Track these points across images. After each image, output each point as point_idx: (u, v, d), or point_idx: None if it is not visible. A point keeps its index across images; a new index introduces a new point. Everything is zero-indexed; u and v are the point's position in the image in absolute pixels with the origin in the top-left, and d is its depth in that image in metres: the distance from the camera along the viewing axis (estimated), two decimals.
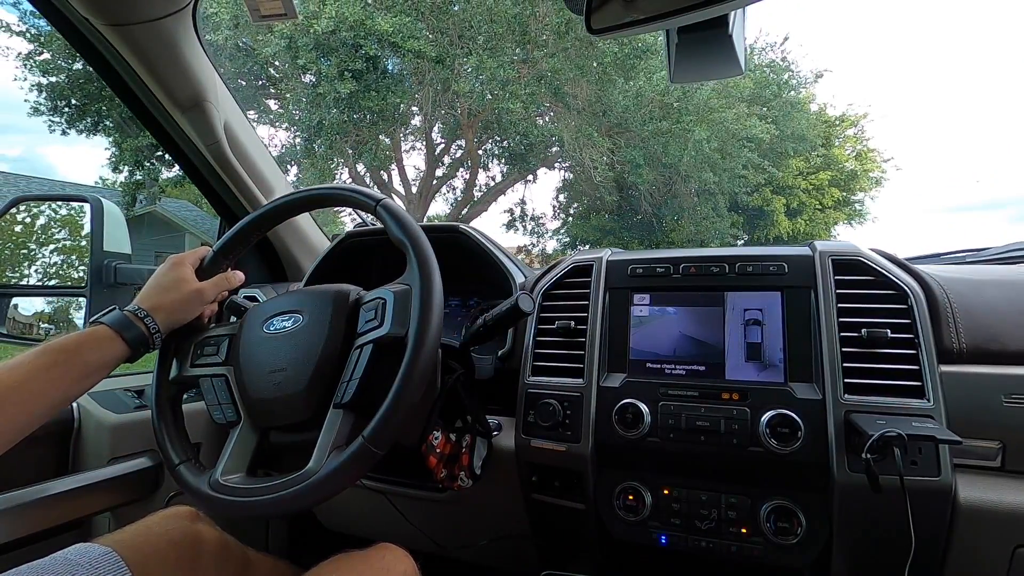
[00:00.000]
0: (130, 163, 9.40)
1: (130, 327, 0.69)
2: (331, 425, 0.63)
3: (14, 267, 1.19)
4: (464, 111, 9.40)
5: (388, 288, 0.69)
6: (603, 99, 8.95)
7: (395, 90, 8.28)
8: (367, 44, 7.52)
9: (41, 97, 9.09)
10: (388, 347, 0.65)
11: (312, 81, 8.25)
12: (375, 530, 1.15)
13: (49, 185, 13.30)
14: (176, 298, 0.74)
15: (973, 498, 0.69)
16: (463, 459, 0.85)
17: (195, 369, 0.74)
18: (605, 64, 8.57)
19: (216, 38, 8.01)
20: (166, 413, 0.74)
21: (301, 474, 0.59)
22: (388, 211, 0.72)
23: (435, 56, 7.84)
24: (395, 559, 0.73)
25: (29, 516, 0.83)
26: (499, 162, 11.58)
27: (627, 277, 0.92)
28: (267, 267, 1.36)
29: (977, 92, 40.14)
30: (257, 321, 0.75)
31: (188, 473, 0.68)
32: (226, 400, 0.71)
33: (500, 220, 13.79)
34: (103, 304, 1.06)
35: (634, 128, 9.22)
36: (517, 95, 8.02)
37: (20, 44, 8.98)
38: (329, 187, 0.80)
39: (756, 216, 13.11)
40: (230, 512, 0.62)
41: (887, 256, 0.84)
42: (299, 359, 0.68)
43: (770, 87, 11.24)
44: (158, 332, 0.71)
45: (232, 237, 0.81)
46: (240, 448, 0.68)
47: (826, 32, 44.61)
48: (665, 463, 0.84)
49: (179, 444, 0.72)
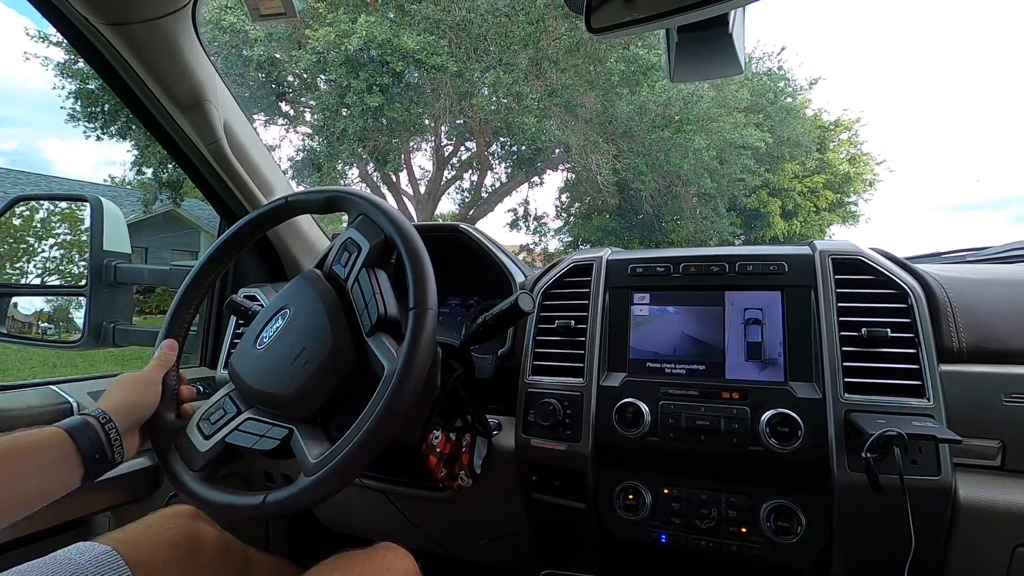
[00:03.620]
0: (153, 164, 9.68)
1: (85, 428, 0.59)
2: (380, 346, 0.63)
3: (13, 263, 1.18)
4: (476, 118, 9.84)
5: (347, 229, 0.72)
6: (609, 110, 9.34)
7: (417, 101, 8.86)
8: (393, 60, 8.12)
9: (77, 104, 9.35)
10: (378, 256, 0.68)
11: (332, 90, 8.81)
12: (375, 529, 1.15)
13: (56, 184, 13.34)
14: (124, 394, 0.65)
15: (973, 497, 0.69)
16: (463, 458, 0.85)
17: (216, 436, 0.68)
18: (613, 81, 9.08)
19: (252, 53, 8.37)
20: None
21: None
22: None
23: (456, 71, 8.43)
24: (396, 558, 0.73)
25: (29, 515, 0.83)
26: (506, 164, 11.84)
27: (627, 276, 0.92)
28: (267, 267, 1.36)
29: (977, 91, 40.16)
30: (248, 352, 0.74)
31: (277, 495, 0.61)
32: (265, 429, 0.66)
33: (504, 219, 14.08)
34: (103, 303, 1.06)
35: (638, 136, 9.65)
36: (530, 108, 8.55)
37: (57, 53, 9.24)
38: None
39: (753, 217, 13.36)
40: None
41: (887, 255, 0.84)
42: (311, 328, 0.69)
43: (767, 95, 11.62)
44: (117, 440, 0.61)
45: (192, 281, 0.79)
46: (314, 441, 0.63)
47: (822, 37, 44.63)
48: (665, 462, 0.84)
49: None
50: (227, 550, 0.76)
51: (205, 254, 0.81)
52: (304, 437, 0.64)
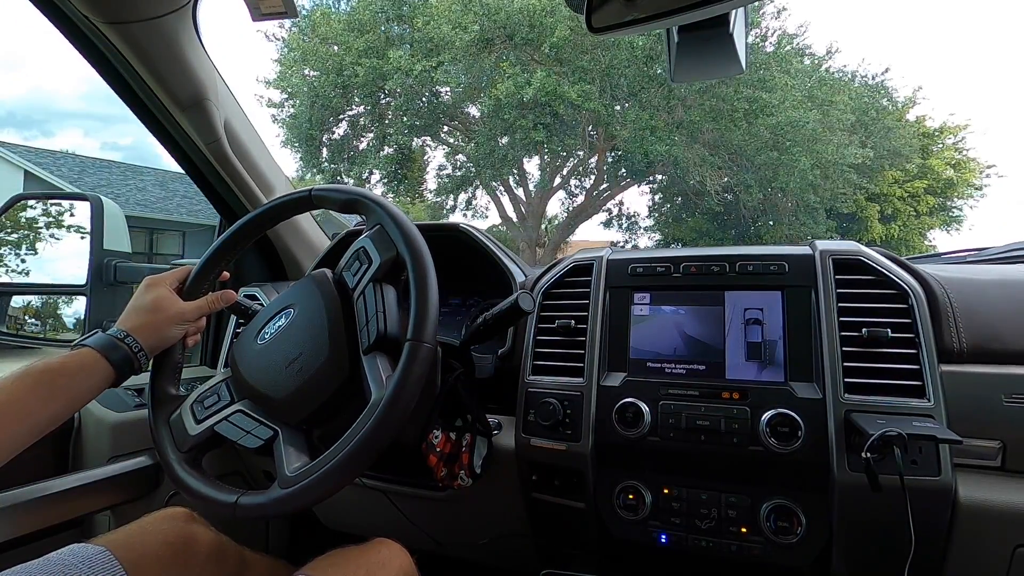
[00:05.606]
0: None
1: (115, 348, 0.67)
2: (372, 368, 0.63)
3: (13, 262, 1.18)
4: (600, 137, 12.04)
5: (362, 237, 0.72)
6: (725, 136, 11.03)
7: (569, 134, 11.57)
8: (556, 104, 10.50)
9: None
10: (387, 272, 0.67)
11: (498, 126, 11.34)
12: (375, 529, 1.15)
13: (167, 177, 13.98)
14: (156, 319, 0.72)
15: (973, 498, 0.69)
16: (463, 458, 0.85)
17: (206, 423, 0.70)
18: (735, 117, 10.73)
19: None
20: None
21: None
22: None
23: (602, 110, 10.60)
24: (392, 554, 0.73)
25: (29, 515, 0.83)
26: (616, 173, 13.60)
27: (627, 276, 0.92)
28: (267, 266, 1.36)
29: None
30: (249, 344, 0.75)
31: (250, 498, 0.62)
32: (252, 425, 0.67)
33: (599, 218, 15.37)
34: (103, 303, 1.07)
35: (747, 155, 11.25)
36: (661, 139, 10.57)
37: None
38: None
39: (850, 221, 13.70)
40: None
41: (888, 255, 0.84)
42: (310, 334, 0.68)
43: (869, 112, 12.33)
44: (142, 352, 0.69)
45: (213, 253, 0.81)
46: (295, 450, 0.64)
47: (925, 48, 43.46)
48: (665, 462, 0.84)
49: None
50: (222, 551, 0.76)
51: (225, 234, 0.82)
52: (287, 443, 0.64)
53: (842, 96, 11.47)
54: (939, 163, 13.85)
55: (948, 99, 37.70)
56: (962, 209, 14.34)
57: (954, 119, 14.93)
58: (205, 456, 0.70)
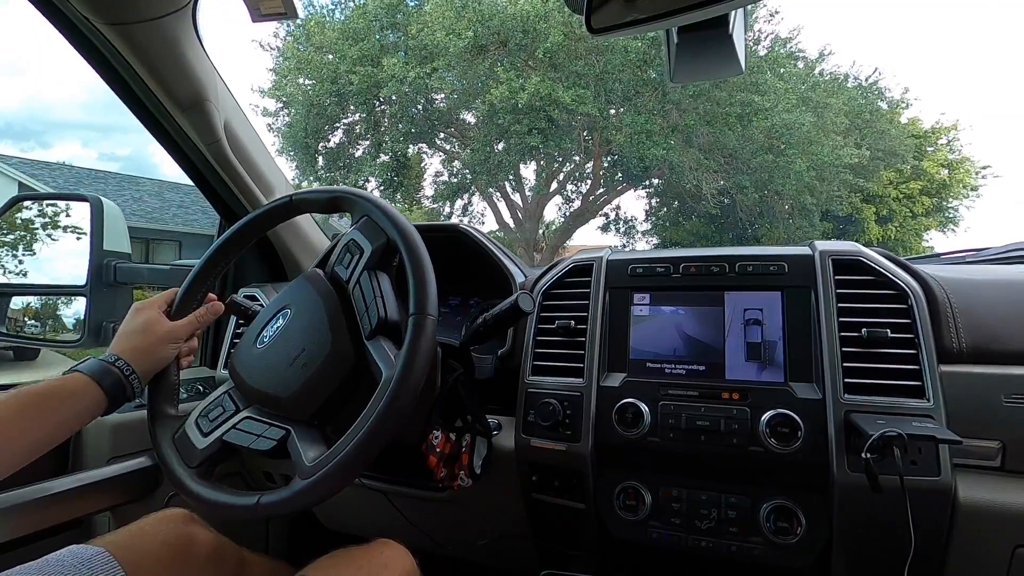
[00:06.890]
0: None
1: (106, 373, 0.67)
2: (379, 350, 0.63)
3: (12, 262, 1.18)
4: (596, 141, 11.94)
5: (349, 230, 0.72)
6: (720, 139, 11.06)
7: (565, 138, 11.45)
8: (551, 109, 10.43)
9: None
10: (380, 259, 0.68)
11: (492, 131, 11.41)
12: (375, 529, 1.15)
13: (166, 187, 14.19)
14: (147, 341, 0.72)
15: (973, 498, 0.69)
16: (463, 458, 0.85)
17: (214, 434, 0.69)
18: (729, 121, 10.78)
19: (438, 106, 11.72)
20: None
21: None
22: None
23: (597, 114, 10.61)
24: (394, 554, 0.73)
25: (28, 515, 0.83)
26: (613, 177, 13.66)
27: (627, 277, 0.92)
28: (267, 267, 1.36)
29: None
30: (249, 350, 0.75)
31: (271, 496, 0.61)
32: (262, 428, 0.66)
33: (596, 222, 15.55)
34: (103, 303, 1.07)
35: (743, 157, 11.29)
36: (657, 143, 10.64)
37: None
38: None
39: (846, 223, 13.70)
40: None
41: (887, 256, 0.84)
42: (311, 329, 0.69)
43: (863, 115, 12.40)
44: (134, 375, 0.69)
45: (199, 271, 0.80)
46: (310, 443, 0.63)
47: (915, 48, 43.56)
48: (665, 463, 0.84)
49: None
50: (222, 552, 0.76)
51: (207, 252, 0.82)
52: (300, 439, 0.63)
53: (836, 99, 11.55)
54: (932, 164, 13.89)
55: (938, 98, 37.79)
56: (958, 210, 14.39)
57: (945, 119, 15.03)
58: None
